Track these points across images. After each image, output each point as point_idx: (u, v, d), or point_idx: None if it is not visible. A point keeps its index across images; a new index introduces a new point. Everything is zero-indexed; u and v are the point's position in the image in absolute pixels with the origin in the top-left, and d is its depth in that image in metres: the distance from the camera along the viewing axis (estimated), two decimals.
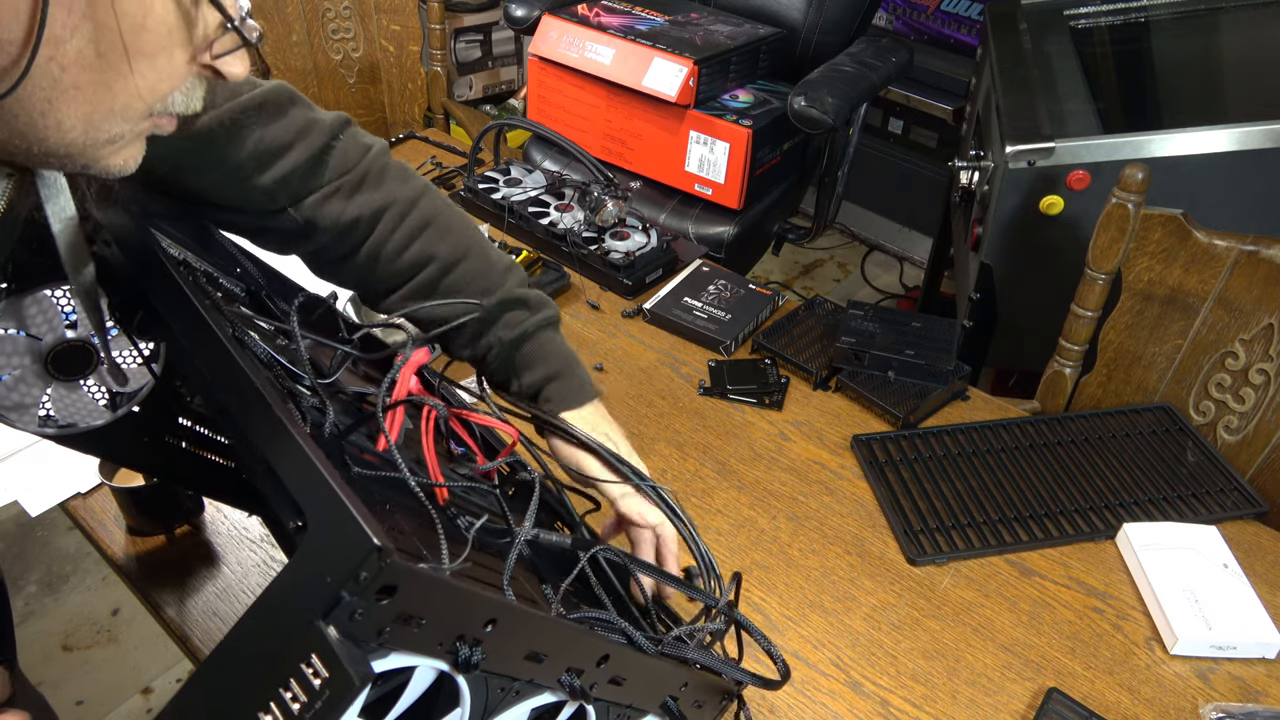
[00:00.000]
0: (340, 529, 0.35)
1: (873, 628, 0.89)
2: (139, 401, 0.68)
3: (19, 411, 0.65)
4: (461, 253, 0.79)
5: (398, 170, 0.78)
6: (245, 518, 0.96)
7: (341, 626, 0.34)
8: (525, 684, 0.49)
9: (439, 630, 0.39)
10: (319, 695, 0.33)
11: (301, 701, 0.33)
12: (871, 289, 2.77)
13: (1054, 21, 1.71)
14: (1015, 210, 1.39)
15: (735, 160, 1.74)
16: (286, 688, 0.33)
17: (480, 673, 0.44)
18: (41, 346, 0.67)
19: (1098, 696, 0.83)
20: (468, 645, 0.42)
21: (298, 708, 0.33)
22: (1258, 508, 1.01)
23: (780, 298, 1.30)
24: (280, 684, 0.34)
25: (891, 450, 1.07)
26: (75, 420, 0.68)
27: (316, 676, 0.33)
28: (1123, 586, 0.94)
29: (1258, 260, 1.08)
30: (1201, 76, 1.62)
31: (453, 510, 0.57)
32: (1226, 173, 1.31)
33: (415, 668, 0.40)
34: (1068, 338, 1.24)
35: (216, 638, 0.85)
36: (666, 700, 0.61)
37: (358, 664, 0.33)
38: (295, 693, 0.33)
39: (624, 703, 0.57)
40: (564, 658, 0.49)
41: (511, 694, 0.48)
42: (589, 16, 1.87)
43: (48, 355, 0.67)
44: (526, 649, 0.47)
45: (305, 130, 0.72)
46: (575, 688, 0.51)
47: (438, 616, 0.39)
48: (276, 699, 0.33)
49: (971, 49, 2.35)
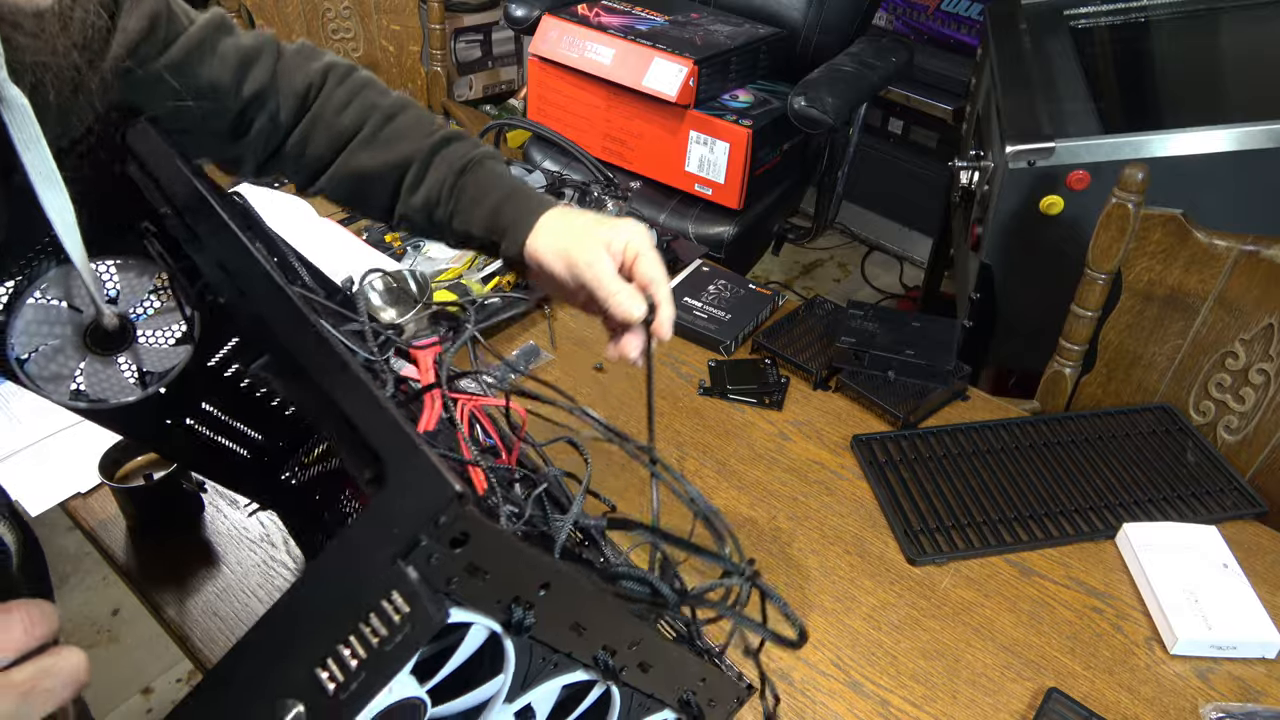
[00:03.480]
0: (421, 477, 0.37)
1: (873, 628, 0.89)
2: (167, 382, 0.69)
3: (55, 383, 0.66)
4: (400, 106, 0.81)
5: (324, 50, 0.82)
6: (245, 518, 0.96)
7: (420, 568, 0.36)
8: (564, 657, 0.50)
9: (498, 588, 0.41)
10: (399, 630, 0.35)
11: (381, 635, 0.35)
12: (871, 289, 2.77)
13: (1054, 21, 1.71)
14: (1015, 210, 1.40)
15: (735, 160, 1.74)
16: (366, 623, 0.35)
17: (528, 638, 0.45)
18: (83, 319, 0.68)
19: (1098, 696, 0.84)
20: (521, 607, 0.43)
21: (376, 641, 0.35)
22: (1258, 508, 1.01)
23: (780, 298, 1.30)
24: (360, 618, 0.36)
25: (891, 450, 1.07)
26: (106, 396, 0.69)
27: (397, 613, 0.35)
28: (1123, 586, 0.94)
29: (1258, 260, 1.08)
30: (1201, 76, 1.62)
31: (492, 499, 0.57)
32: (1226, 173, 1.31)
33: (470, 626, 0.42)
34: (1068, 338, 1.24)
35: (217, 638, 0.85)
36: (685, 694, 0.61)
37: (436, 604, 0.36)
38: (374, 627, 0.35)
39: (647, 690, 0.57)
40: (601, 633, 0.50)
41: (550, 666, 0.49)
42: (589, 16, 1.87)
43: (88, 328, 0.68)
44: (571, 619, 0.48)
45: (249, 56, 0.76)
46: (608, 666, 0.52)
47: (499, 573, 0.40)
48: (356, 632, 0.35)
49: (971, 49, 2.35)
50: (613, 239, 0.74)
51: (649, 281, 0.75)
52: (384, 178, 0.80)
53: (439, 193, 0.79)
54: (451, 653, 0.42)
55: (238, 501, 0.98)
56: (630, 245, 0.75)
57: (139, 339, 0.70)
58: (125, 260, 0.69)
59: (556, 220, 0.77)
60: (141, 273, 0.69)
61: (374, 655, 0.35)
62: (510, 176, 0.81)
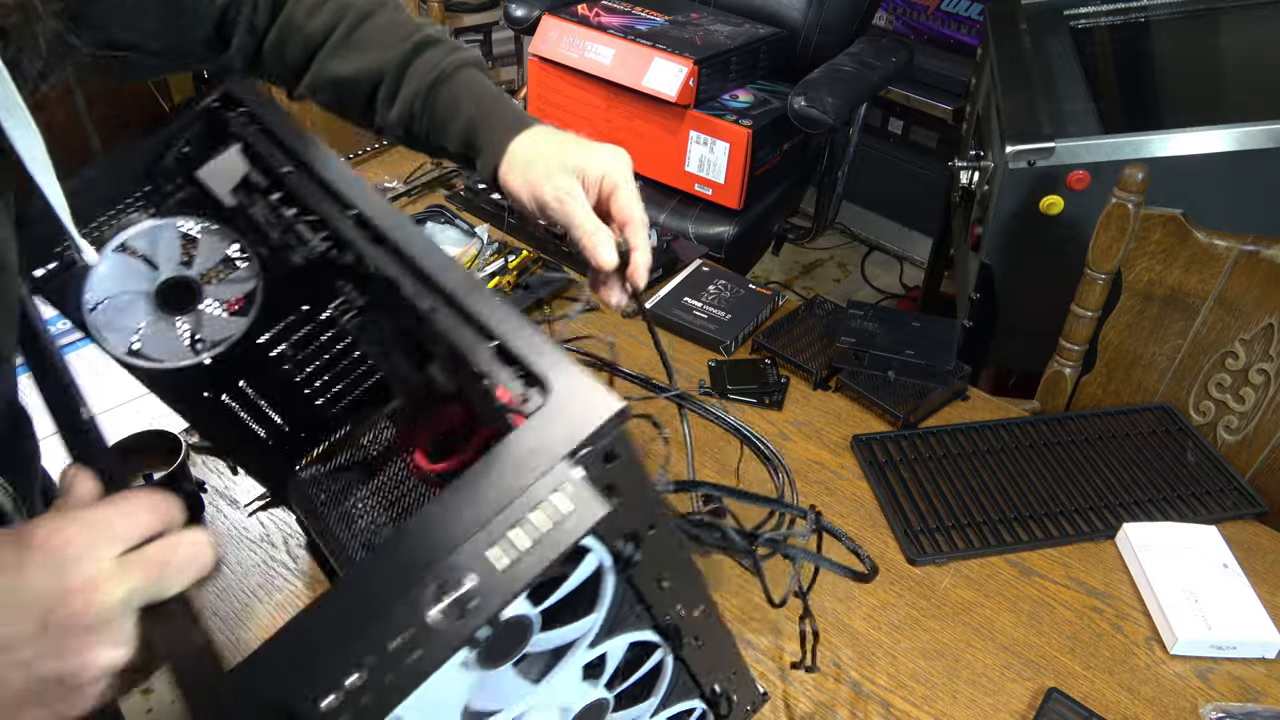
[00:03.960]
0: (587, 393, 0.42)
1: (873, 628, 0.89)
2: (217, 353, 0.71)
3: (118, 335, 0.67)
4: (376, 6, 0.76)
5: None
6: (245, 518, 0.96)
7: (584, 470, 0.40)
8: (644, 610, 0.52)
9: (622, 516, 0.43)
10: (561, 523, 0.39)
11: (545, 529, 0.39)
12: (871, 289, 2.77)
13: (1054, 21, 1.71)
14: (1015, 210, 1.40)
15: (735, 160, 1.74)
16: (528, 518, 0.39)
17: (624, 580, 0.48)
18: (158, 276, 0.69)
19: (1097, 696, 0.84)
20: (631, 544, 0.47)
21: (539, 533, 0.39)
22: (1258, 508, 1.01)
23: (780, 298, 1.30)
24: (525, 511, 0.39)
25: (891, 450, 1.07)
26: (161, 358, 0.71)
27: (559, 509, 0.39)
28: (1122, 586, 0.94)
29: (1258, 260, 1.08)
30: (1201, 76, 1.62)
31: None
32: (1226, 173, 1.31)
33: (586, 555, 0.44)
34: (1068, 338, 1.24)
35: (217, 638, 0.85)
36: (718, 684, 0.63)
37: (597, 501, 0.39)
38: (537, 522, 0.39)
39: (693, 669, 0.59)
40: (678, 593, 0.53)
41: (631, 616, 0.52)
42: (589, 16, 1.87)
43: (160, 286, 0.69)
44: (658, 571, 0.51)
45: None
46: (676, 631, 0.55)
47: (628, 499, 0.42)
48: (522, 522, 0.39)
49: (971, 49, 2.35)
50: (588, 167, 0.69)
51: (625, 220, 0.70)
52: (358, 86, 0.75)
53: (412, 107, 0.74)
54: (561, 582, 0.44)
55: (238, 501, 0.98)
56: (608, 176, 0.70)
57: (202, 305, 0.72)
58: (209, 224, 0.71)
59: (528, 145, 0.71)
60: (221, 239, 0.71)
61: (540, 540, 0.39)
62: (485, 87, 0.75)
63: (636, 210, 0.71)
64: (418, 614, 0.37)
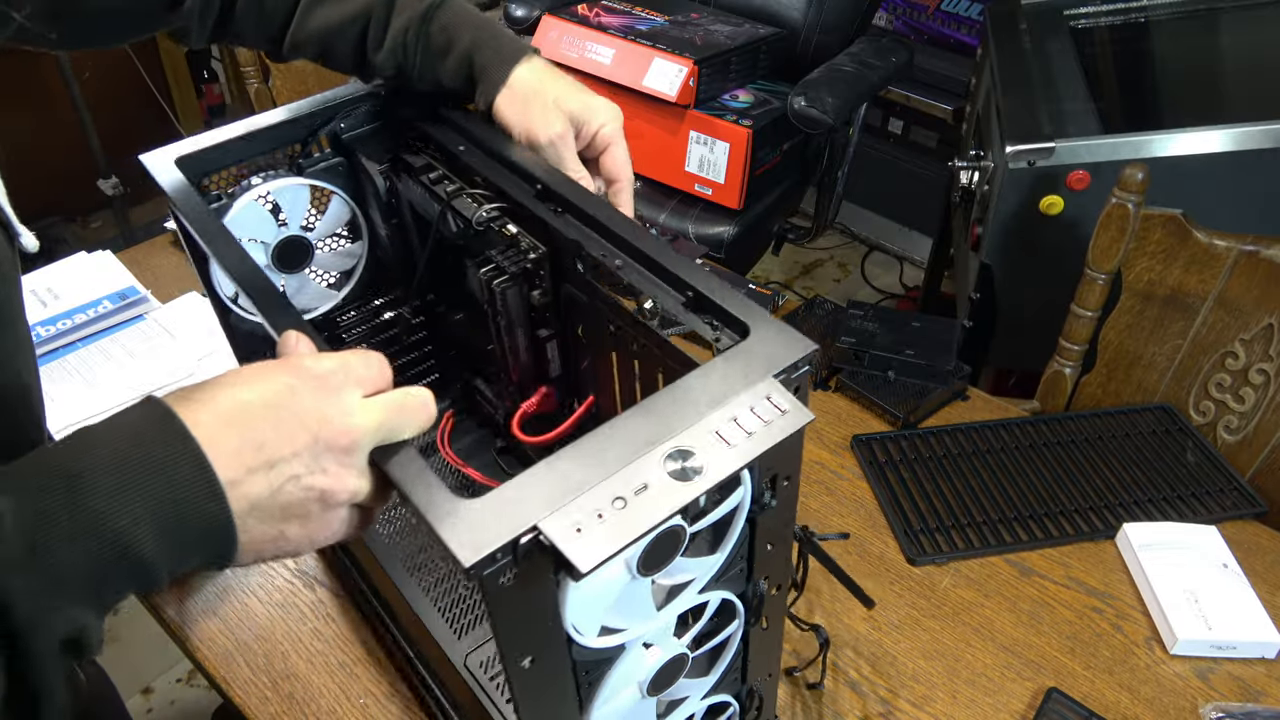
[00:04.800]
0: (784, 334, 0.50)
1: (873, 628, 0.89)
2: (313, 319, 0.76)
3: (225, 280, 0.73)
4: None
5: None
6: None
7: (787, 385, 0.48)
8: (744, 570, 0.57)
9: (786, 450, 0.50)
10: (768, 427, 0.45)
11: (755, 427, 0.45)
12: (871, 289, 2.77)
13: (1054, 21, 1.71)
14: (1015, 210, 1.39)
15: (735, 160, 1.74)
16: (754, 409, 0.46)
17: (749, 528, 0.53)
18: (281, 232, 0.74)
19: (1097, 696, 0.84)
20: (770, 488, 0.52)
21: (750, 429, 0.45)
22: (1257, 508, 1.01)
23: (780, 298, 1.30)
24: (747, 405, 0.46)
25: (891, 450, 1.07)
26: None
27: (778, 407, 0.46)
28: (1122, 586, 0.94)
29: (1258, 260, 1.08)
30: (1201, 76, 1.62)
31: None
32: (1226, 173, 1.31)
33: (737, 488, 0.49)
34: (1068, 338, 1.24)
35: (216, 638, 0.85)
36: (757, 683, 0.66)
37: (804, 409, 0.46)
38: (747, 421, 0.45)
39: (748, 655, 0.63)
40: (773, 561, 0.58)
41: (736, 570, 0.56)
42: (589, 16, 1.87)
43: (280, 241, 0.73)
44: (774, 528, 0.56)
45: None
46: (758, 602, 0.59)
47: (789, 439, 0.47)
48: (737, 417, 0.45)
49: (971, 49, 2.35)
50: (585, 117, 0.70)
51: (614, 179, 0.71)
52: (345, 33, 0.72)
53: (403, 41, 0.71)
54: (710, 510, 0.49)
55: None
56: (604, 131, 0.71)
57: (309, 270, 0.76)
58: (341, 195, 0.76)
59: (530, 79, 0.70)
60: (344, 213, 0.75)
61: (761, 429, 0.45)
62: (478, 15, 0.73)
63: (626, 171, 0.71)
64: (655, 470, 0.43)
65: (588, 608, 0.47)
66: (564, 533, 0.40)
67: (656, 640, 0.54)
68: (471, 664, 0.70)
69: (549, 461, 0.43)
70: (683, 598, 0.52)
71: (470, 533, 0.40)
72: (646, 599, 0.50)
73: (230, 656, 0.84)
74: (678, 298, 0.56)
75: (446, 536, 0.40)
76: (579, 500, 0.41)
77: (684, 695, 0.60)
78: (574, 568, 0.39)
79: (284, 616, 0.87)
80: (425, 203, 0.72)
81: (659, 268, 0.57)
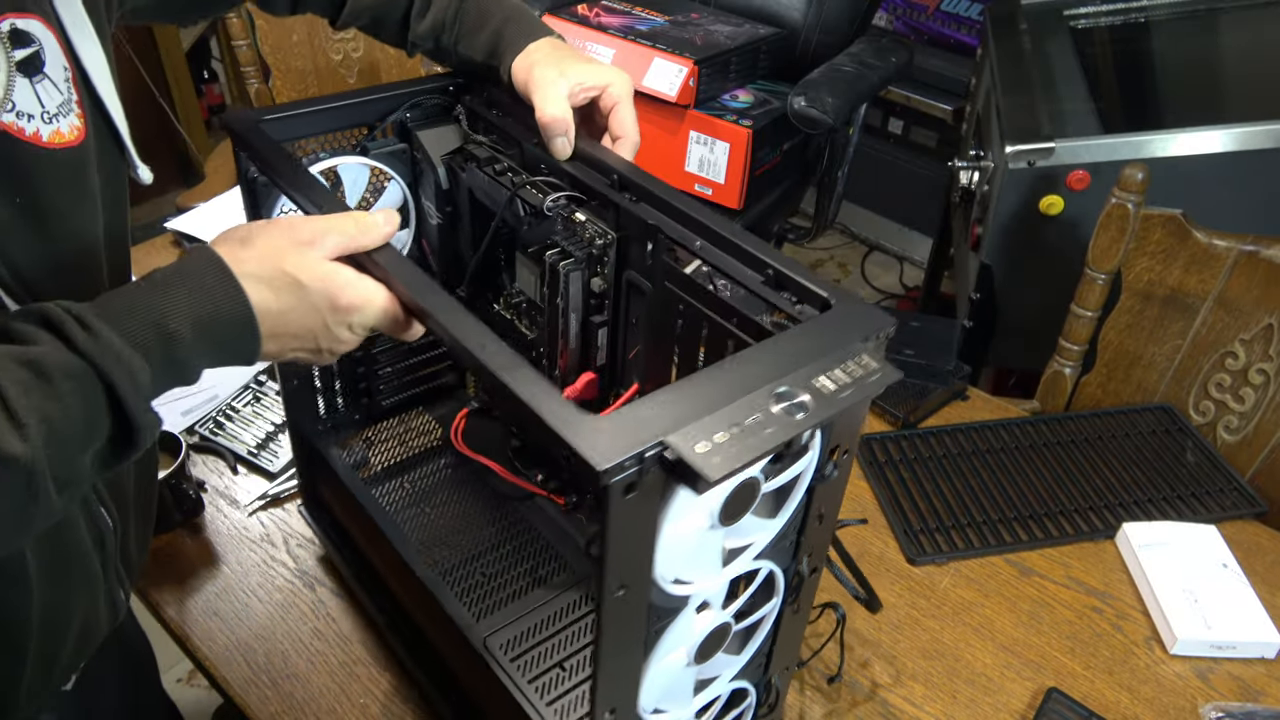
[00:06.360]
0: (866, 311, 0.55)
1: (873, 628, 0.89)
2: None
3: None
4: None
5: None
6: (245, 517, 0.96)
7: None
8: (793, 542, 0.60)
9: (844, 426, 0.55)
10: (871, 374, 0.50)
11: (845, 380, 0.50)
12: (871, 289, 2.77)
13: (1054, 21, 1.71)
14: (1015, 210, 1.39)
15: (735, 160, 1.74)
16: (849, 363, 0.51)
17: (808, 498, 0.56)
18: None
19: (1097, 696, 0.84)
20: (833, 461, 0.55)
21: (842, 381, 0.49)
22: (1257, 508, 1.01)
23: None
24: (843, 360, 0.51)
25: (891, 450, 1.07)
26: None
27: (870, 365, 0.51)
28: (1122, 586, 0.94)
29: (1258, 260, 1.08)
30: (1201, 76, 1.62)
31: None
32: (1226, 173, 1.31)
33: (807, 453, 0.53)
34: (1068, 338, 1.24)
35: (217, 637, 0.85)
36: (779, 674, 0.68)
37: (892, 368, 0.51)
38: (837, 376, 0.50)
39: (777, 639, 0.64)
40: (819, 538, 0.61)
41: (787, 541, 0.59)
42: (589, 16, 1.87)
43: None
44: (827, 501, 0.59)
45: None
46: (797, 581, 0.61)
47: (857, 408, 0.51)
48: (843, 365, 0.50)
49: (971, 49, 2.35)
50: (584, 77, 0.73)
51: (619, 136, 0.75)
52: (396, 6, 0.81)
53: (444, 18, 0.79)
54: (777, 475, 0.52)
55: (238, 501, 0.98)
56: (610, 92, 0.75)
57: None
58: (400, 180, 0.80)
59: (542, 47, 0.76)
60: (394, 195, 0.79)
61: (857, 380, 0.50)
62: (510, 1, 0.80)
63: (633, 131, 0.76)
64: (767, 405, 0.47)
65: (674, 549, 0.50)
66: (689, 448, 0.43)
67: (711, 602, 0.57)
68: (492, 645, 0.72)
69: (661, 393, 0.47)
70: (739, 561, 0.55)
71: (601, 443, 0.43)
72: (715, 555, 0.53)
73: (230, 656, 0.84)
74: (757, 276, 0.60)
75: (579, 444, 0.43)
76: (700, 423, 0.45)
77: (715, 674, 0.62)
78: (701, 477, 0.42)
79: (284, 616, 0.87)
80: (491, 189, 0.76)
81: (737, 249, 0.61)
